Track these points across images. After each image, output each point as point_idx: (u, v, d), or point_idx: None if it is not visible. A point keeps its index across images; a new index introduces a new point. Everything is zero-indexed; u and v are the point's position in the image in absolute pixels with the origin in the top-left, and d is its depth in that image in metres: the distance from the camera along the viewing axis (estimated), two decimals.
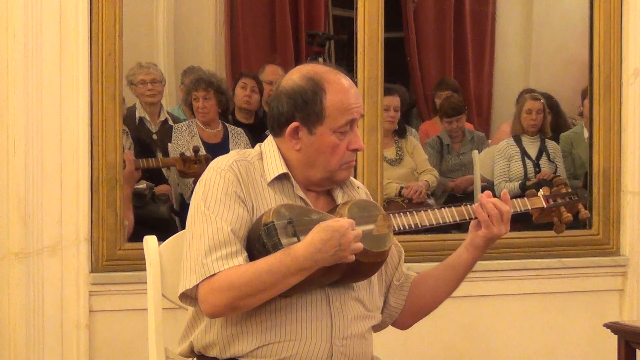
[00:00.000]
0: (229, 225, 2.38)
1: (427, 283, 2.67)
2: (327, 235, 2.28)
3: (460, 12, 6.44)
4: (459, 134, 5.78)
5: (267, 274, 2.31)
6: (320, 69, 2.51)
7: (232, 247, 2.37)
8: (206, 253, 2.37)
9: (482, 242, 2.60)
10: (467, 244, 2.63)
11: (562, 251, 4.36)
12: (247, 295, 2.33)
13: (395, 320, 2.70)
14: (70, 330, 3.78)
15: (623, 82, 4.41)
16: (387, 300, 2.67)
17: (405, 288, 2.67)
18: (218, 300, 2.35)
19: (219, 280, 2.34)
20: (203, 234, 2.39)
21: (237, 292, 2.33)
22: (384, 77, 4.16)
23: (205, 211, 2.41)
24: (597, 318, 4.14)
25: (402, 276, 2.68)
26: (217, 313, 2.39)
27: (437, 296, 2.68)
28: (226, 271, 2.34)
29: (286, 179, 2.50)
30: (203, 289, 2.37)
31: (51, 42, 3.72)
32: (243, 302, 2.35)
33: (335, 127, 2.46)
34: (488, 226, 2.57)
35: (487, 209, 2.57)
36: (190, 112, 5.15)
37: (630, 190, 4.41)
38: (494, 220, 2.56)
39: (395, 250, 2.66)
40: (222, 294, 2.34)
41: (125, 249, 3.85)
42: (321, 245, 2.28)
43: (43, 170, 3.72)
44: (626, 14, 4.39)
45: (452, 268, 2.65)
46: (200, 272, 2.37)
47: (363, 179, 4.08)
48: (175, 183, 4.90)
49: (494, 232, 2.57)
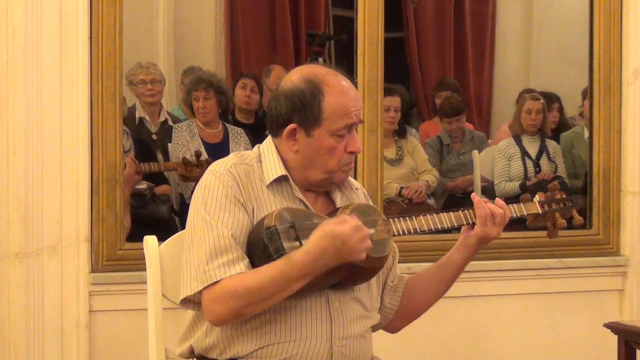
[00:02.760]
0: (230, 230, 2.38)
1: (419, 284, 2.67)
2: (327, 243, 2.28)
3: (460, 12, 6.45)
4: (459, 134, 5.78)
5: (270, 283, 2.31)
6: (319, 70, 2.50)
7: (234, 253, 2.36)
8: (208, 260, 2.36)
9: (474, 242, 2.59)
10: (458, 244, 2.63)
11: (562, 251, 4.36)
12: (251, 303, 2.33)
13: (388, 322, 2.70)
14: (70, 330, 3.78)
15: (623, 82, 4.41)
16: (382, 301, 2.67)
17: (399, 289, 2.67)
18: (222, 310, 2.34)
19: (222, 289, 2.34)
20: (204, 241, 2.38)
21: (241, 301, 2.32)
22: (384, 77, 4.16)
23: (206, 216, 2.40)
24: (597, 318, 4.14)
25: (395, 277, 2.69)
26: (222, 322, 2.39)
27: (428, 297, 2.68)
28: (229, 279, 2.34)
29: (285, 181, 2.50)
30: (206, 298, 2.36)
31: (51, 42, 3.72)
32: (247, 310, 2.34)
33: (333, 129, 2.45)
34: (484, 223, 2.57)
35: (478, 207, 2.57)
36: (190, 112, 5.15)
37: (630, 190, 4.41)
38: (488, 220, 2.57)
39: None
40: (226, 304, 2.33)
41: (125, 249, 3.85)
42: (320, 253, 2.28)
43: (43, 170, 3.72)
44: (626, 14, 4.39)
45: (443, 269, 2.65)
46: (202, 278, 2.36)
47: (363, 179, 4.08)
48: (175, 183, 4.90)
49: (487, 232, 2.57)
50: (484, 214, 2.57)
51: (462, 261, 2.62)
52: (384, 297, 2.67)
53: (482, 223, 2.57)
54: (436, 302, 2.69)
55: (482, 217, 2.57)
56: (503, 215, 2.59)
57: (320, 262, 2.28)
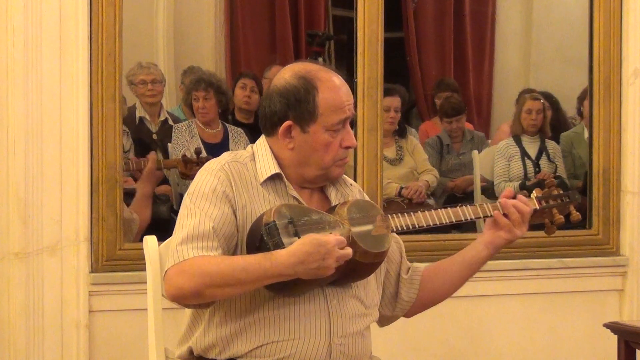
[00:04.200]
0: (212, 222, 2.39)
1: (440, 277, 2.71)
2: (312, 249, 2.28)
3: (460, 12, 6.45)
4: (459, 134, 5.78)
5: (242, 272, 2.30)
6: (311, 67, 2.52)
7: (210, 242, 2.37)
8: (183, 241, 2.38)
9: (503, 243, 2.66)
10: (487, 242, 2.67)
11: (562, 251, 4.36)
12: (215, 285, 2.32)
13: (404, 313, 2.74)
14: (70, 330, 3.78)
15: (623, 82, 4.41)
16: (398, 294, 2.69)
17: (415, 281, 2.69)
18: (183, 283, 2.33)
19: (191, 265, 2.34)
20: (184, 225, 2.41)
21: (207, 279, 2.31)
22: (384, 77, 4.16)
23: (191, 205, 2.43)
24: (597, 318, 4.14)
25: (408, 269, 2.71)
26: (180, 296, 2.36)
27: (448, 290, 2.73)
28: (200, 257, 2.34)
29: (279, 179, 2.51)
30: (171, 271, 2.36)
31: (51, 42, 3.72)
32: (209, 291, 2.33)
33: (328, 124, 2.47)
34: (511, 230, 2.63)
35: (509, 212, 2.62)
36: (190, 112, 5.15)
37: (630, 190, 4.41)
38: (516, 224, 2.62)
39: (394, 244, 2.67)
40: (190, 278, 2.33)
41: (125, 249, 3.85)
42: (304, 257, 2.28)
43: (43, 170, 3.72)
44: (626, 14, 4.39)
45: (468, 264, 2.69)
46: (174, 256, 2.37)
47: (362, 179, 4.08)
48: (175, 183, 4.90)
49: (517, 234, 2.64)
50: (506, 224, 2.63)
51: (488, 258, 2.69)
52: (400, 290, 2.69)
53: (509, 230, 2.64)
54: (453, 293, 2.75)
55: (507, 226, 2.63)
56: (530, 212, 2.65)
57: (301, 267, 2.28)
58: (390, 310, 2.71)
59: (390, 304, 2.70)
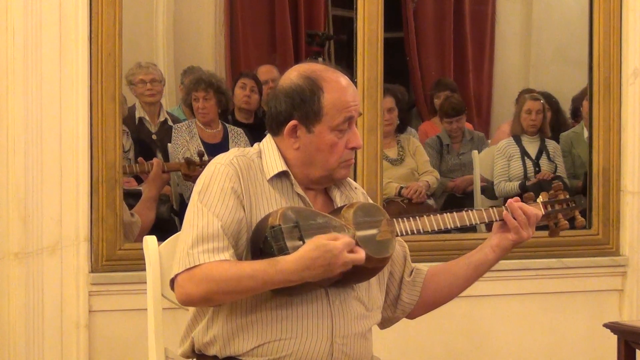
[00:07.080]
0: (220, 221, 2.40)
1: (445, 278, 2.71)
2: (319, 254, 2.28)
3: (460, 12, 6.45)
4: (458, 134, 5.78)
5: (249, 279, 2.33)
6: (317, 67, 2.52)
7: (220, 242, 2.38)
8: (193, 244, 2.39)
9: (510, 245, 2.67)
10: (494, 245, 2.68)
11: (562, 251, 4.36)
12: (223, 292, 2.35)
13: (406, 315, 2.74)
14: (70, 330, 3.78)
15: (623, 82, 4.41)
16: (400, 297, 2.69)
17: (418, 283, 2.70)
18: (194, 290, 2.37)
19: (201, 271, 2.36)
20: (193, 225, 2.41)
21: (215, 286, 2.35)
22: (384, 77, 4.16)
23: (199, 204, 2.43)
24: (597, 318, 4.14)
25: (412, 271, 2.71)
26: (190, 302, 2.42)
27: (453, 291, 2.74)
28: (209, 264, 2.36)
29: (285, 177, 2.51)
30: (182, 277, 2.39)
31: (51, 42, 3.72)
32: (217, 297, 2.38)
33: (334, 125, 2.47)
34: (518, 232, 2.64)
35: (515, 215, 2.63)
36: (190, 112, 5.15)
37: (630, 190, 4.41)
38: (523, 225, 2.63)
39: (398, 247, 2.68)
40: (199, 285, 2.36)
41: (125, 249, 3.85)
42: (310, 262, 2.29)
43: (43, 170, 3.72)
44: (626, 14, 4.39)
45: (474, 267, 2.70)
46: (185, 261, 2.39)
47: (363, 179, 4.08)
48: (175, 183, 4.90)
49: (524, 236, 2.65)
50: (514, 226, 2.64)
51: (496, 261, 2.70)
52: (401, 292, 2.69)
53: (516, 232, 2.64)
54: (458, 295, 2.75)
55: (514, 228, 2.64)
56: (537, 216, 2.66)
57: (307, 272, 2.29)
58: (391, 312, 2.71)
59: (392, 306, 2.71)
